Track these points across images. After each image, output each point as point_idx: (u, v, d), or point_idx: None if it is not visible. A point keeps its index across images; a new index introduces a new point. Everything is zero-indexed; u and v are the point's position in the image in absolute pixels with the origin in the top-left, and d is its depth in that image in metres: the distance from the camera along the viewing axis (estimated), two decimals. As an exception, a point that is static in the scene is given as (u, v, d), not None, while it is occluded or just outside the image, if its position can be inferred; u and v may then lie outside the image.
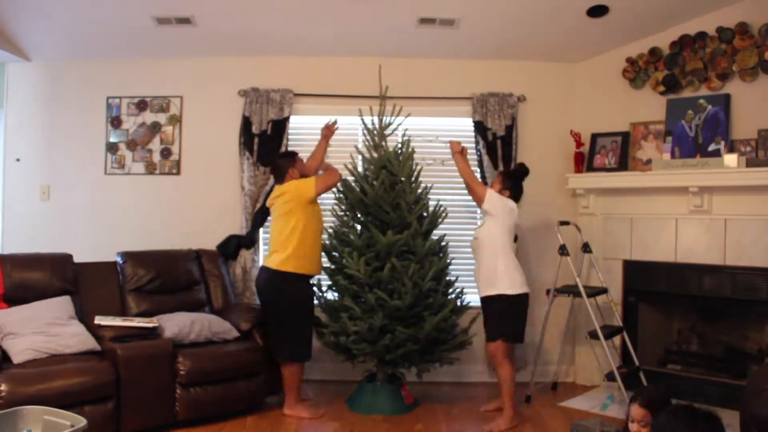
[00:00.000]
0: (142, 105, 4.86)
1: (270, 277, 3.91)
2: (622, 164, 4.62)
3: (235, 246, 4.68)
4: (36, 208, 4.82)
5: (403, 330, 3.87)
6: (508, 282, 3.83)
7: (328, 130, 4.27)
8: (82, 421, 2.63)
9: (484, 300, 3.91)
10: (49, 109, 4.85)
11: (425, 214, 4.21)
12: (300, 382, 4.02)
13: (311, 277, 4.05)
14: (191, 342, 3.83)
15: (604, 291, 4.47)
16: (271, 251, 3.95)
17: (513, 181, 4.06)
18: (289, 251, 3.84)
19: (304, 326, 3.97)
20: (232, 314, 4.21)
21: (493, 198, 3.93)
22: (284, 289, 3.89)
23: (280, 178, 4.04)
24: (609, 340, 4.25)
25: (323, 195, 4.10)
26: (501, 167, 4.74)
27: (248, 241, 4.69)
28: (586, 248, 4.53)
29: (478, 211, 4.80)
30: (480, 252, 3.96)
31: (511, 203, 3.98)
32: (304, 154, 4.90)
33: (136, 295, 4.14)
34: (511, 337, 3.86)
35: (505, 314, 3.82)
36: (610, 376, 4.14)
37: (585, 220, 4.80)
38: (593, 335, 4.21)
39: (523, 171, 4.16)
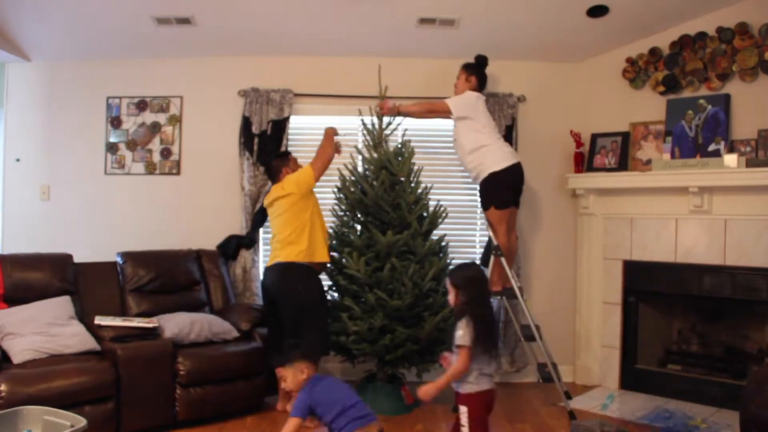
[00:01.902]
0: (142, 105, 4.86)
1: (285, 270, 3.84)
2: (622, 164, 4.61)
3: (235, 246, 4.68)
4: (36, 208, 4.82)
5: (403, 330, 3.88)
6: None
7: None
8: (82, 421, 2.63)
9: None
10: (49, 109, 4.85)
11: (425, 214, 4.21)
12: None
13: (321, 270, 4.04)
14: (191, 342, 3.83)
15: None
16: (282, 247, 3.88)
17: (477, 69, 4.32)
18: (303, 245, 3.83)
19: (323, 319, 3.90)
20: (232, 314, 4.21)
21: (458, 102, 4.18)
22: (303, 281, 3.83)
23: (273, 178, 4.11)
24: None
25: (322, 196, 4.19)
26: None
27: (248, 241, 4.69)
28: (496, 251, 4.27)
29: (478, 210, 4.82)
30: (464, 149, 4.22)
31: (473, 94, 4.24)
32: (303, 154, 4.93)
33: (136, 295, 4.14)
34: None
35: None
36: (545, 376, 4.06)
37: (585, 220, 4.80)
38: (529, 337, 4.21)
39: (484, 60, 4.40)
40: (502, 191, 4.15)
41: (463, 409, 2.72)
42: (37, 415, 2.72)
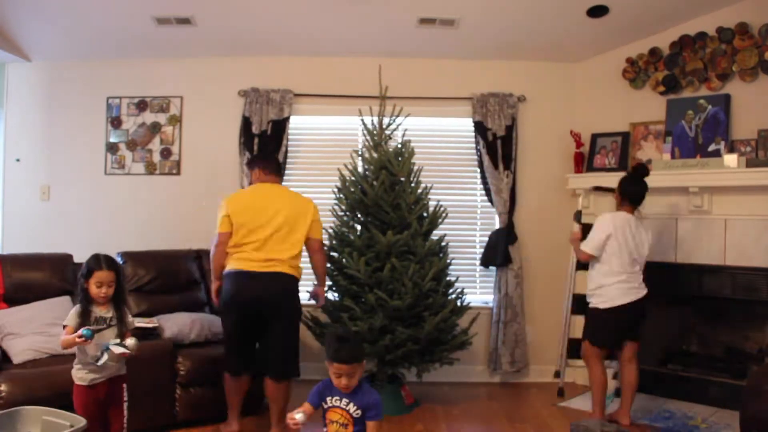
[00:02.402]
0: (142, 105, 4.86)
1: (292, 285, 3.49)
2: (622, 164, 4.61)
3: (235, 246, 4.67)
4: (36, 208, 4.82)
5: (403, 330, 3.87)
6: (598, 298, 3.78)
7: None
8: (81, 422, 2.63)
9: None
10: (49, 109, 4.85)
11: (425, 214, 4.21)
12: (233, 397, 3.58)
13: None
14: (191, 342, 3.83)
15: None
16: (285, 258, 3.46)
17: (630, 186, 3.79)
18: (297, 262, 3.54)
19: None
20: (232, 314, 4.20)
21: (594, 246, 3.76)
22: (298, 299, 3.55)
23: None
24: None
25: (322, 196, 4.30)
26: (501, 167, 4.74)
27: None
28: None
29: (478, 210, 4.86)
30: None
31: (608, 221, 3.76)
32: (303, 155, 4.93)
33: (136, 295, 4.13)
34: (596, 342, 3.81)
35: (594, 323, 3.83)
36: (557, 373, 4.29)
37: (585, 220, 4.79)
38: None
39: (641, 172, 3.82)
40: (601, 328, 3.79)
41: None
42: (37, 415, 2.71)
